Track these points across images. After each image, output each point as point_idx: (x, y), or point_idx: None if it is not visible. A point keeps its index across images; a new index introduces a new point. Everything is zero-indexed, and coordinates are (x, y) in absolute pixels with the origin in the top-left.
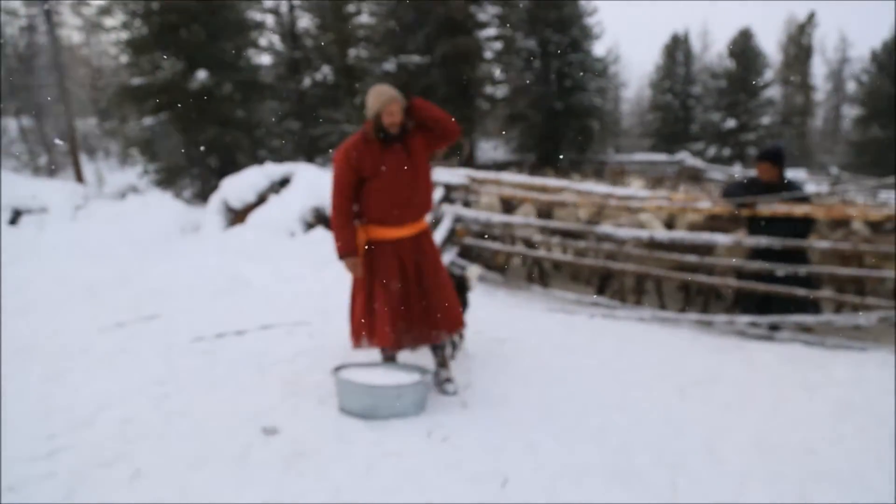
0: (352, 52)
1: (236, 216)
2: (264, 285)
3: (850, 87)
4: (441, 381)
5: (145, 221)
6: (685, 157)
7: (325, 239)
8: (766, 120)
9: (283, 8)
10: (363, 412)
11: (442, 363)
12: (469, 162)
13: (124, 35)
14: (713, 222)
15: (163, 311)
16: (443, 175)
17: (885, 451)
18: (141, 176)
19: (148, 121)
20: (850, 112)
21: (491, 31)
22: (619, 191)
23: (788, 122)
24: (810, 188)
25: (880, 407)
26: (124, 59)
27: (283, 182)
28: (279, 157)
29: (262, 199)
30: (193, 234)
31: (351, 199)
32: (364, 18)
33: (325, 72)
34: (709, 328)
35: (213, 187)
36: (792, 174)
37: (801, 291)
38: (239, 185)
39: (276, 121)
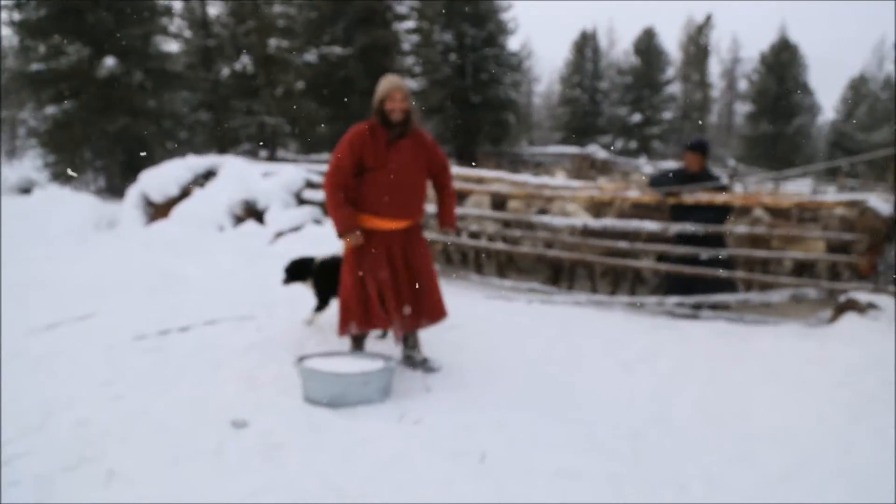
0: (272, 43)
1: (157, 210)
2: (200, 280)
3: (742, 85)
4: (419, 362)
5: (56, 218)
6: (595, 150)
7: (256, 233)
8: (667, 115)
9: None
10: (330, 400)
11: (413, 345)
12: None
13: (16, 16)
14: (636, 210)
15: (96, 310)
16: None
17: (811, 410)
18: (41, 169)
19: (50, 110)
20: (742, 108)
21: (409, 24)
22: (552, 181)
23: (688, 116)
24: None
25: (802, 373)
26: (16, 42)
27: (208, 175)
28: (190, 149)
29: (185, 193)
30: (109, 231)
31: (347, 185)
32: (277, 8)
33: (245, 62)
34: (640, 310)
35: (123, 181)
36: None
37: (722, 273)
38: (160, 179)
39: (188, 111)
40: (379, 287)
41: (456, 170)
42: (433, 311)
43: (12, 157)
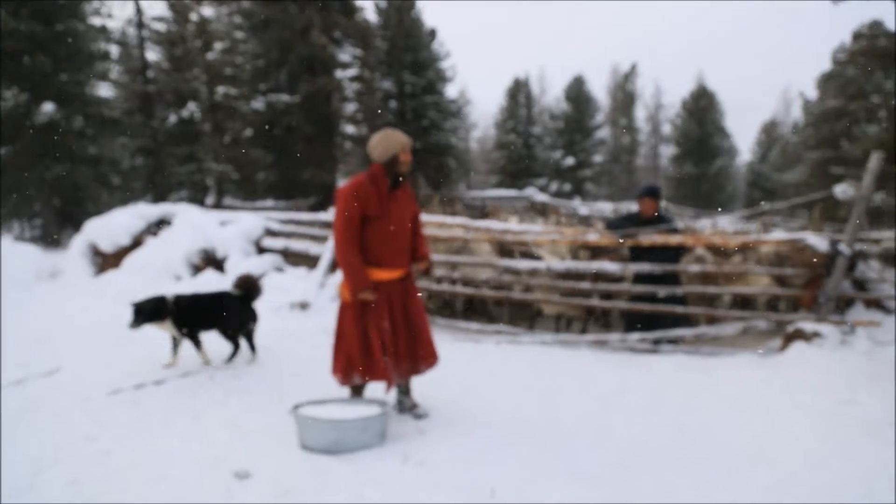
0: (220, 90)
1: (107, 260)
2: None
3: (666, 129)
4: (409, 408)
5: None
6: (533, 193)
7: (216, 282)
8: (598, 158)
9: (133, 41)
10: (328, 447)
11: (406, 391)
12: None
13: None
14: (585, 251)
15: (61, 363)
16: None
17: (780, 431)
18: None
19: None
20: (667, 151)
21: (351, 72)
22: (514, 227)
23: (618, 159)
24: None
25: (764, 397)
26: None
27: (160, 223)
28: (128, 196)
29: (137, 242)
30: (52, 281)
31: (358, 236)
32: (212, 56)
33: (191, 108)
34: (603, 346)
35: (59, 229)
36: (626, 207)
37: (679, 309)
38: (110, 227)
39: (127, 158)
40: (381, 337)
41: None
42: (429, 356)
43: None
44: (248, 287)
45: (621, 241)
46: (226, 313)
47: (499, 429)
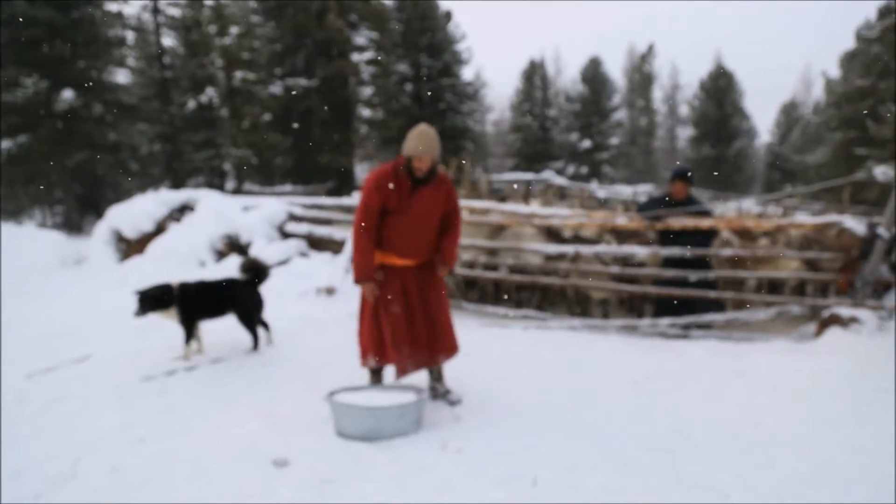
0: (237, 75)
1: (131, 247)
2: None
3: (683, 110)
4: (442, 394)
5: (20, 255)
6: (550, 176)
7: None
8: (615, 140)
9: (149, 27)
10: (365, 434)
11: (438, 378)
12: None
13: None
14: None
15: (91, 351)
16: None
17: (817, 418)
18: None
19: (5, 144)
20: (684, 133)
21: (367, 55)
22: (540, 210)
23: (635, 142)
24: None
25: (800, 384)
26: None
27: (183, 209)
28: (147, 183)
29: (160, 229)
30: (77, 268)
31: (375, 226)
32: (228, 40)
33: (210, 94)
34: (632, 332)
35: (80, 215)
36: (642, 189)
37: (711, 293)
38: (133, 214)
39: (146, 144)
40: (392, 323)
41: None
42: (449, 346)
43: None
44: (255, 271)
45: (651, 224)
46: (235, 299)
47: (534, 414)
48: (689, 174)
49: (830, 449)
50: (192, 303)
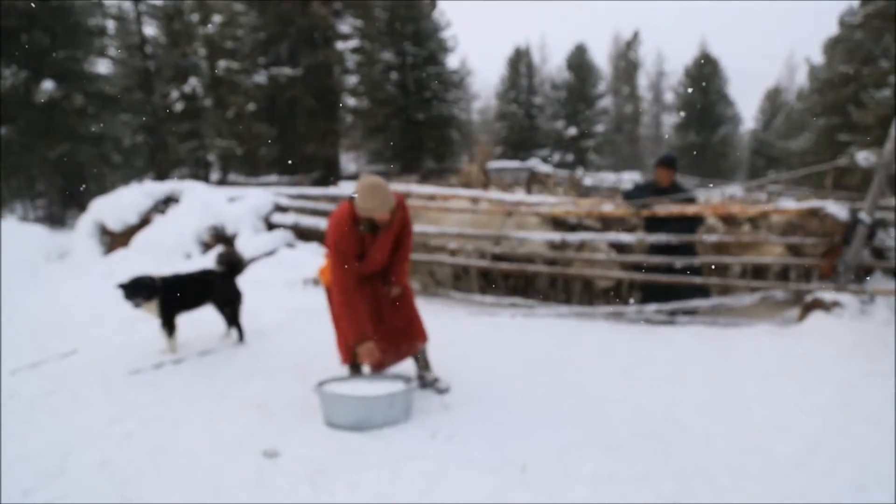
0: (221, 64)
1: (115, 239)
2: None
3: (668, 97)
4: (430, 382)
5: (2, 250)
6: (536, 164)
7: None
8: (601, 128)
9: (130, 16)
10: (355, 424)
11: (425, 366)
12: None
13: None
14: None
15: (77, 345)
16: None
17: (803, 401)
18: None
19: None
20: (669, 120)
21: (351, 44)
22: (528, 198)
23: (620, 129)
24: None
25: (786, 368)
26: None
27: (167, 201)
28: (130, 174)
29: (145, 221)
30: (61, 261)
31: (356, 273)
32: (211, 29)
33: (193, 84)
34: (619, 318)
35: (62, 208)
36: (627, 176)
37: (697, 280)
38: (117, 206)
39: (131, 135)
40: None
41: (429, 189)
42: (421, 332)
43: None
44: (231, 263)
45: (637, 210)
46: (213, 290)
47: (524, 402)
48: (674, 161)
49: (818, 432)
50: (171, 295)
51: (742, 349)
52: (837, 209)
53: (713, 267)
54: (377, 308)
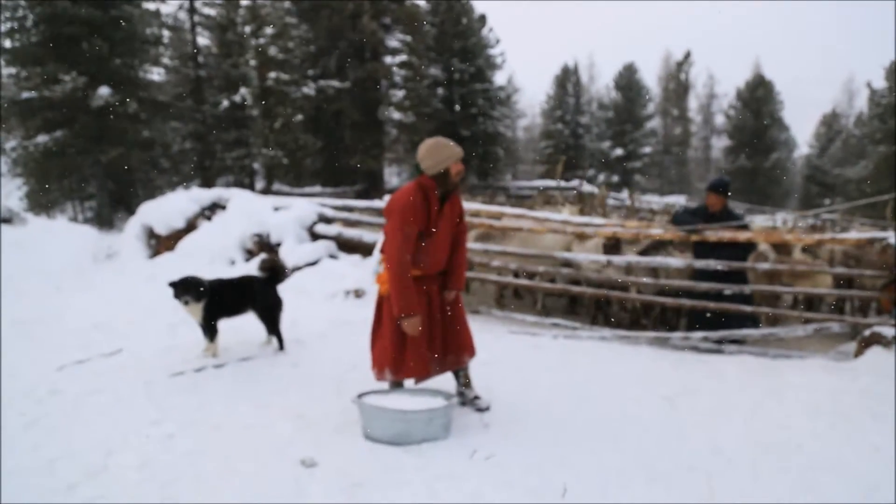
0: (271, 75)
1: (161, 243)
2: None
3: (719, 120)
4: (470, 400)
5: (52, 249)
6: (580, 184)
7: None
8: (648, 149)
9: (185, 26)
10: (393, 438)
11: (466, 383)
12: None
13: (7, 44)
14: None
15: (121, 345)
16: None
17: (860, 442)
18: (22, 199)
19: (41, 138)
20: (719, 143)
21: (399, 58)
22: (574, 219)
23: (668, 151)
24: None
25: (840, 406)
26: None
27: (213, 207)
28: (176, 180)
29: (191, 226)
30: (108, 262)
31: (413, 245)
32: (262, 41)
33: (243, 93)
34: (664, 344)
35: (111, 211)
36: (674, 199)
37: (746, 308)
38: (164, 210)
39: (180, 142)
40: (420, 335)
41: (477, 206)
42: (469, 346)
43: None
44: (274, 270)
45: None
46: (255, 296)
47: (565, 424)
48: (727, 186)
49: (875, 475)
50: (216, 299)
51: (793, 383)
52: None
53: (765, 296)
54: (430, 314)
